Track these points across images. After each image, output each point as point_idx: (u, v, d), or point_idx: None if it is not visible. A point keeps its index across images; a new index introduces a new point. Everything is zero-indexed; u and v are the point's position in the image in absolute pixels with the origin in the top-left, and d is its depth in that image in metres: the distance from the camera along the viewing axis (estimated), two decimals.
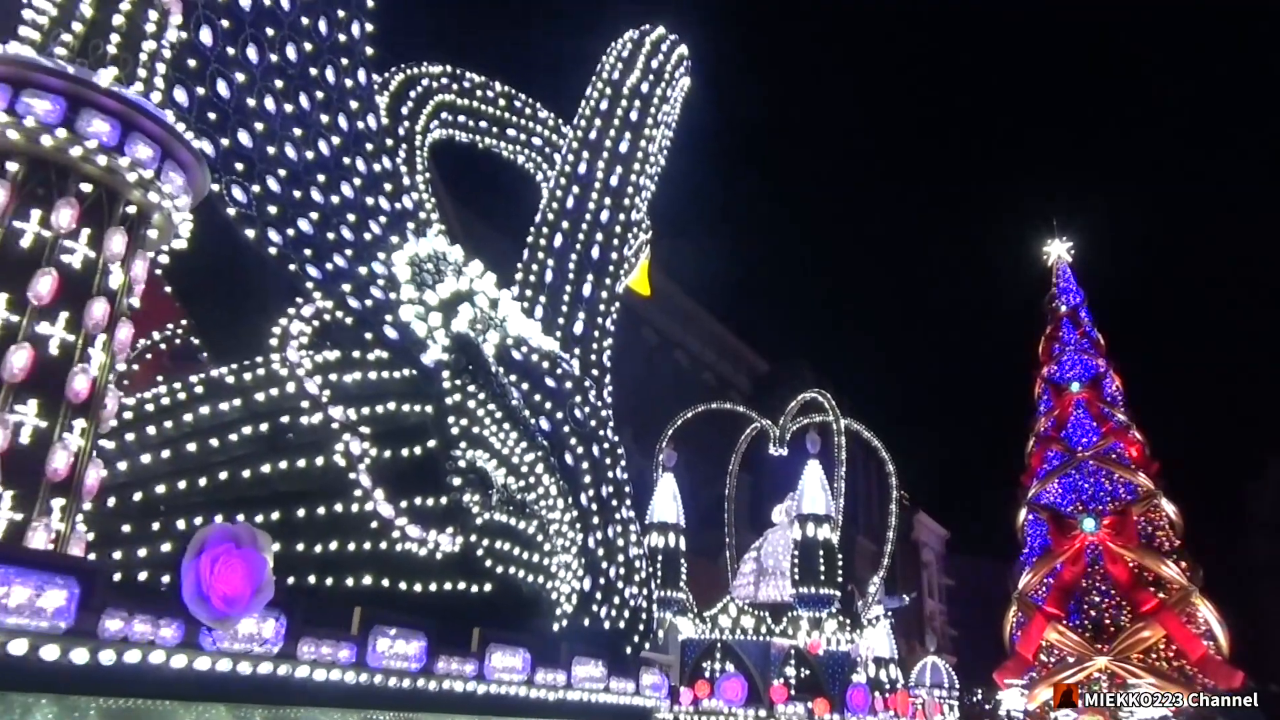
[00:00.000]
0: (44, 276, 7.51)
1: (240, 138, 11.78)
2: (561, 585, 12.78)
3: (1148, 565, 39.96)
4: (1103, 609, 40.54)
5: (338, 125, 13.09)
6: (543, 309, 15.50)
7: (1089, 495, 43.08)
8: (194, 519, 9.79)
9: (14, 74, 7.66)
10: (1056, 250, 51.15)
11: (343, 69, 13.13)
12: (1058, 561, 41.61)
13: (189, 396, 10.87)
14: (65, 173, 7.82)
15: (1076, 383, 45.89)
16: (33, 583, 6.53)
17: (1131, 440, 44.08)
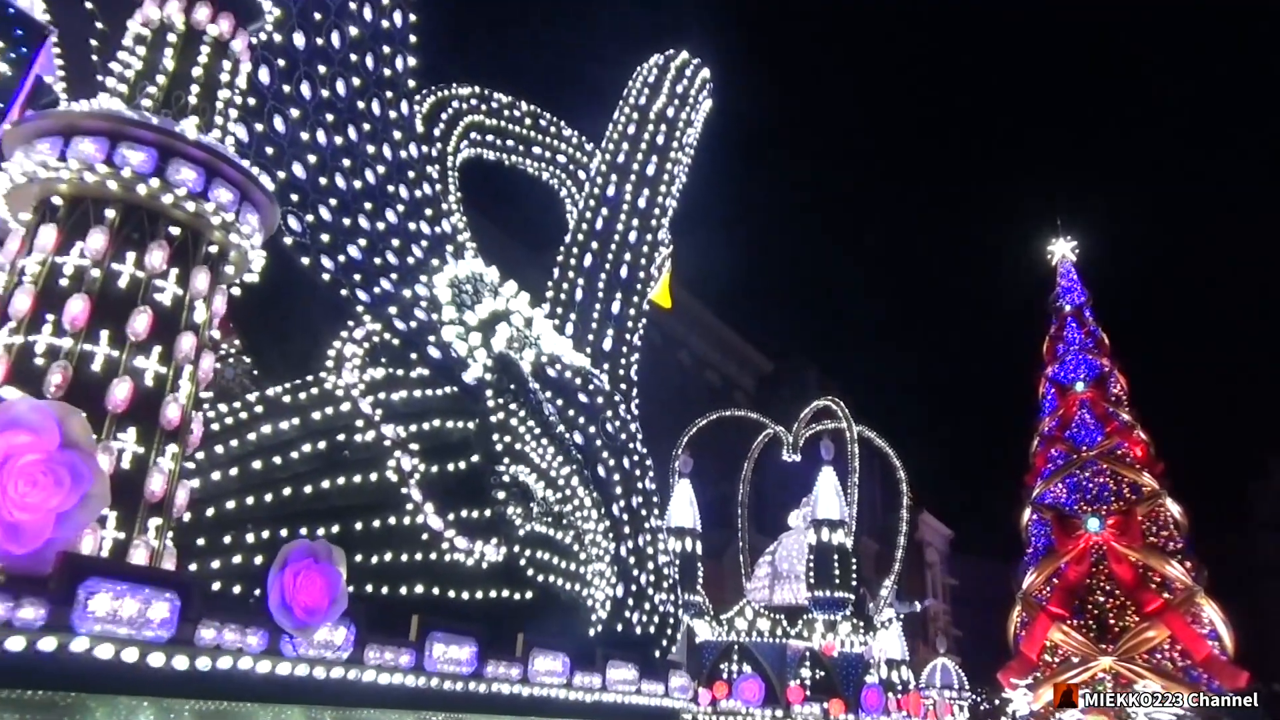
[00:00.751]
0: (140, 314, 8.20)
1: (295, 170, 12.47)
2: (596, 592, 13.44)
3: (1152, 565, 39.92)
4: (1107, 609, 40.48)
5: (382, 155, 13.76)
6: (573, 326, 16.16)
7: (1093, 495, 43.04)
8: (261, 533, 10.50)
9: (112, 128, 8.35)
10: (1060, 249, 51.05)
11: (387, 101, 13.80)
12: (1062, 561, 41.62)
13: (250, 416, 11.54)
14: (156, 218, 8.52)
15: (1081, 382, 45.76)
16: (141, 596, 7.22)
17: (1136, 440, 43.98)
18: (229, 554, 10.18)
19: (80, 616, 6.85)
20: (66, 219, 8.28)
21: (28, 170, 8.26)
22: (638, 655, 13.68)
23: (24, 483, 6.74)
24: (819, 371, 59.39)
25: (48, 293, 8.04)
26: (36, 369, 7.79)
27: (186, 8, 9.50)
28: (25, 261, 8.28)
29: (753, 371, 55.62)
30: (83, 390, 7.78)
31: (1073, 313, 48.39)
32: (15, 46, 8.14)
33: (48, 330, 7.92)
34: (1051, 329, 49.09)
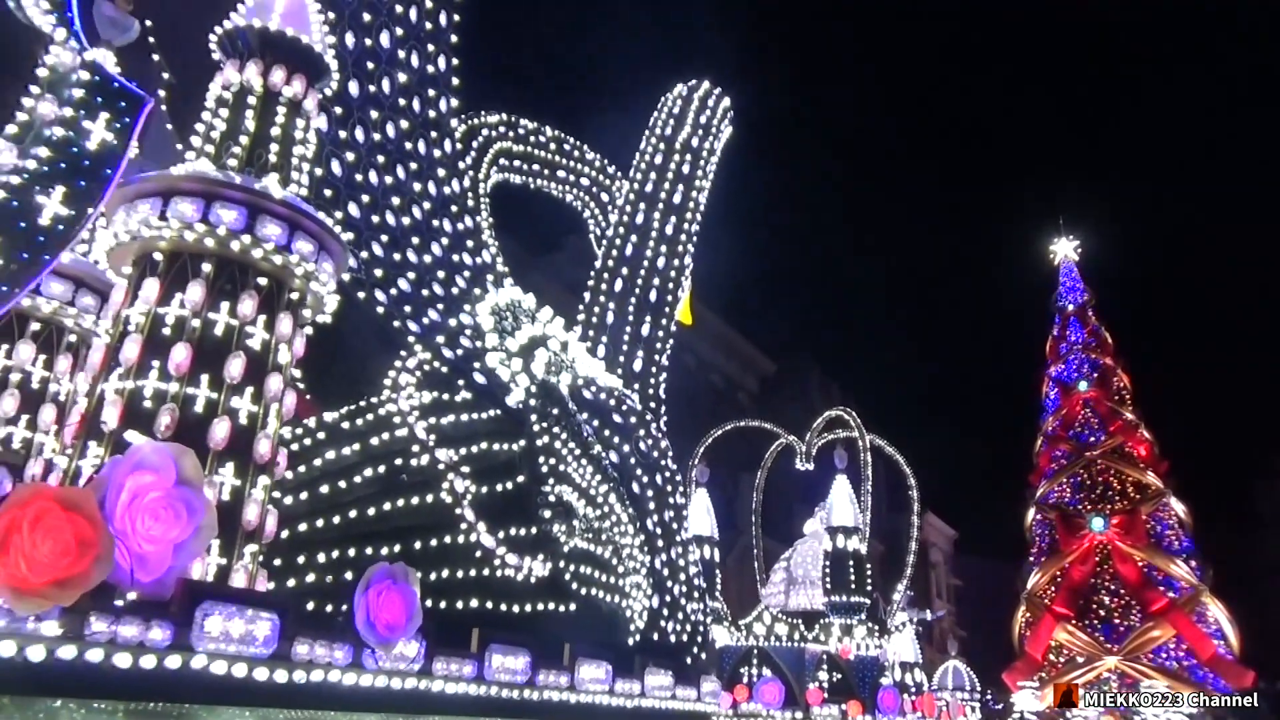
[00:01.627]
0: (235, 359, 9.02)
1: (350, 209, 13.30)
2: (634, 603, 14.25)
3: (1157, 564, 40.02)
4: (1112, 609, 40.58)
5: (428, 191, 14.58)
6: (605, 348, 16.97)
7: (1097, 494, 43.06)
8: (331, 553, 11.32)
9: (206, 189, 9.18)
10: (1063, 249, 51.10)
11: (432, 141, 14.63)
12: (1066, 561, 41.63)
13: (314, 442, 12.36)
14: (246, 269, 9.35)
15: (1084, 382, 45.76)
16: (247, 617, 8.03)
17: (1140, 439, 44.03)
18: (303, 573, 10.99)
19: (198, 636, 7.67)
20: (166, 273, 9.11)
21: (131, 229, 9.10)
22: (671, 662, 14.48)
23: (149, 518, 7.55)
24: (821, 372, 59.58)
25: (152, 341, 8.87)
26: (146, 411, 8.62)
27: (264, 71, 10.34)
28: (129, 312, 9.11)
29: (755, 373, 55.83)
30: (187, 429, 8.61)
31: (1075, 312, 48.57)
32: (120, 117, 8.94)
33: (154, 375, 8.75)
34: (1054, 328, 49.22)
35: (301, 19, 10.77)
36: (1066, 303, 49.10)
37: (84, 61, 8.84)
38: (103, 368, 8.93)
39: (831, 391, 61.10)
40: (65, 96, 8.67)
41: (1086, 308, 48.55)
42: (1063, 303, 49.28)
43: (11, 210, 8.20)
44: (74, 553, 6.46)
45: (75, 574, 6.46)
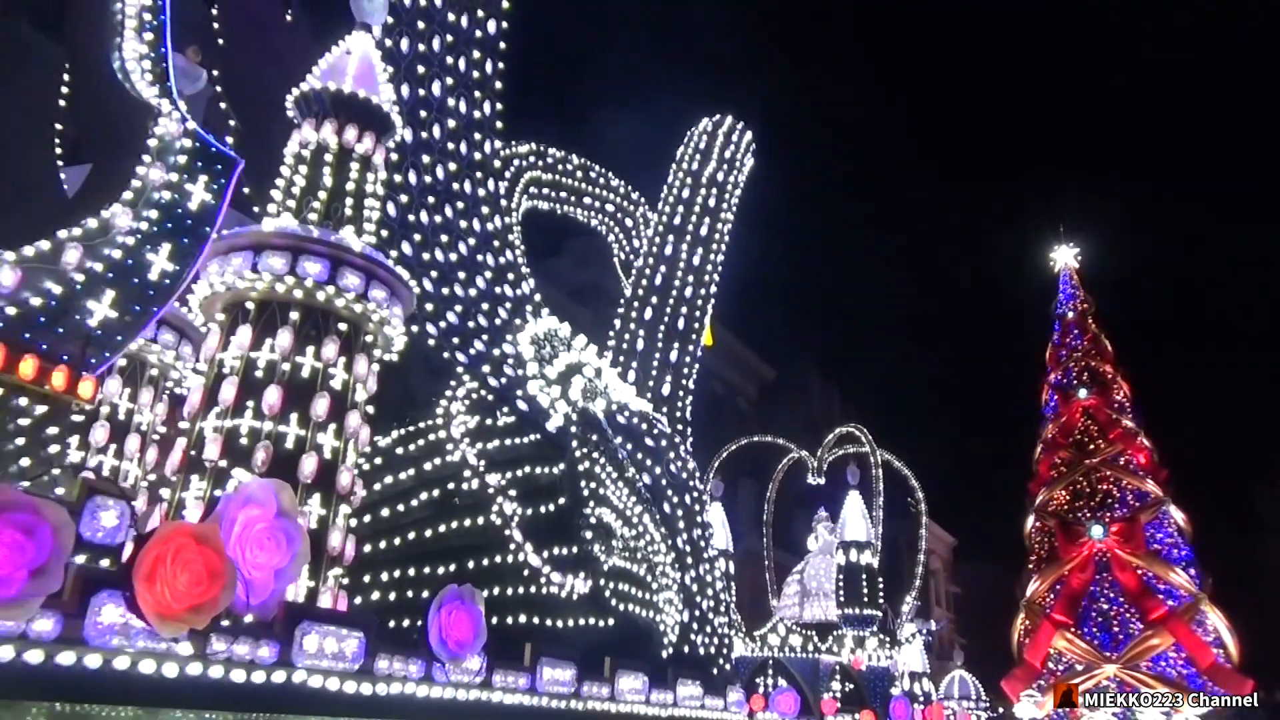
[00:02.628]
0: (320, 399, 9.92)
1: (404, 248, 14.20)
2: (667, 618, 15.11)
3: (1156, 573, 39.80)
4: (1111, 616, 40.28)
5: (473, 228, 15.49)
6: (635, 373, 17.85)
7: (1097, 502, 42.77)
8: (393, 572, 12.21)
9: (293, 244, 10.09)
10: (1063, 256, 50.83)
11: (477, 180, 15.54)
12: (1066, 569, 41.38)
13: (372, 467, 13.25)
14: (328, 316, 10.24)
15: (1084, 389, 45.45)
16: (338, 635, 8.91)
17: (1139, 447, 43.79)
18: (368, 591, 11.88)
19: (298, 653, 8.55)
20: (258, 320, 10.01)
21: (226, 280, 10.00)
22: (700, 673, 15.33)
23: (256, 547, 8.42)
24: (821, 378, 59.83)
25: (247, 383, 9.77)
26: (243, 447, 9.52)
27: (338, 130, 11.25)
28: (224, 356, 10.01)
29: (755, 379, 56.02)
30: (280, 464, 9.51)
31: (1075, 319, 48.47)
32: (216, 179, 9.85)
33: (249, 414, 9.65)
34: (1054, 335, 49.08)
35: (370, 80, 11.69)
36: (1066, 310, 49.09)
37: (186, 130, 9.75)
38: (201, 406, 9.82)
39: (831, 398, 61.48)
40: (171, 163, 9.59)
41: (1086, 315, 48.54)
42: (1062, 310, 49.27)
43: (127, 268, 9.12)
44: (206, 582, 7.34)
45: (207, 600, 7.34)
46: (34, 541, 6.26)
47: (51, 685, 6.71)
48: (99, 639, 6.96)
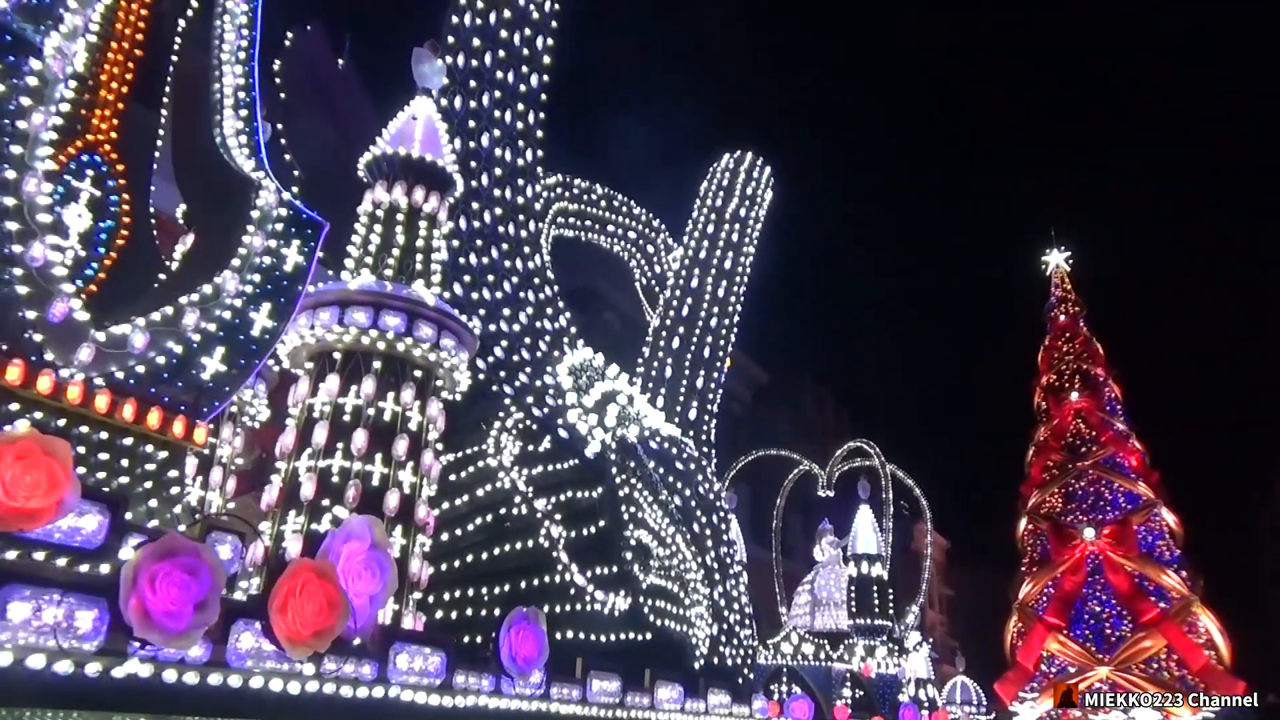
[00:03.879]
0: (400, 440, 11.02)
1: (455, 289, 15.31)
2: (698, 631, 16.20)
3: (1148, 575, 40.12)
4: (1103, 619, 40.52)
5: (516, 267, 16.60)
6: (663, 399, 18.95)
7: (1089, 505, 43.13)
8: (454, 592, 13.31)
9: (375, 300, 11.20)
10: (1055, 259, 51.21)
11: (519, 223, 16.65)
12: (1058, 571, 41.66)
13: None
14: (405, 364, 11.35)
15: (1075, 392, 45.91)
16: (424, 654, 10.00)
17: (1131, 449, 44.20)
18: (432, 611, 12.96)
19: (393, 671, 9.65)
20: (344, 369, 11.12)
21: (316, 333, 11.11)
22: (728, 683, 16.42)
23: (356, 577, 9.51)
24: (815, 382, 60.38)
25: (336, 426, 10.87)
26: (335, 485, 10.62)
27: (408, 191, 12.36)
28: (314, 401, 11.12)
29: (749, 383, 56.42)
30: (368, 500, 10.61)
31: (1067, 322, 48.78)
32: (306, 242, 10.95)
33: (339, 455, 10.76)
34: (1046, 339, 49.42)
35: (435, 143, 12.81)
36: (1058, 313, 49.43)
37: (281, 199, 10.87)
38: (295, 447, 10.91)
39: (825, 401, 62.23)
40: (269, 230, 10.70)
41: (1078, 318, 48.91)
42: (1054, 313, 49.62)
43: (235, 326, 10.23)
44: (326, 611, 8.44)
45: (327, 626, 8.44)
46: (197, 580, 7.35)
47: (203, 703, 7.77)
48: (238, 662, 8.05)
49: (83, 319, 8.93)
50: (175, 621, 7.22)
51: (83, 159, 9.77)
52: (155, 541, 7.33)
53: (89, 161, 9.85)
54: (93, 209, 9.79)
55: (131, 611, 7.00)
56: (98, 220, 9.86)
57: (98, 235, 9.88)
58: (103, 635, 7.00)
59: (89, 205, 9.74)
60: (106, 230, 9.97)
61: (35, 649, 6.62)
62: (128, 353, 9.32)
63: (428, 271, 12.19)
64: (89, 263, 9.78)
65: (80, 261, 9.59)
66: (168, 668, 7.48)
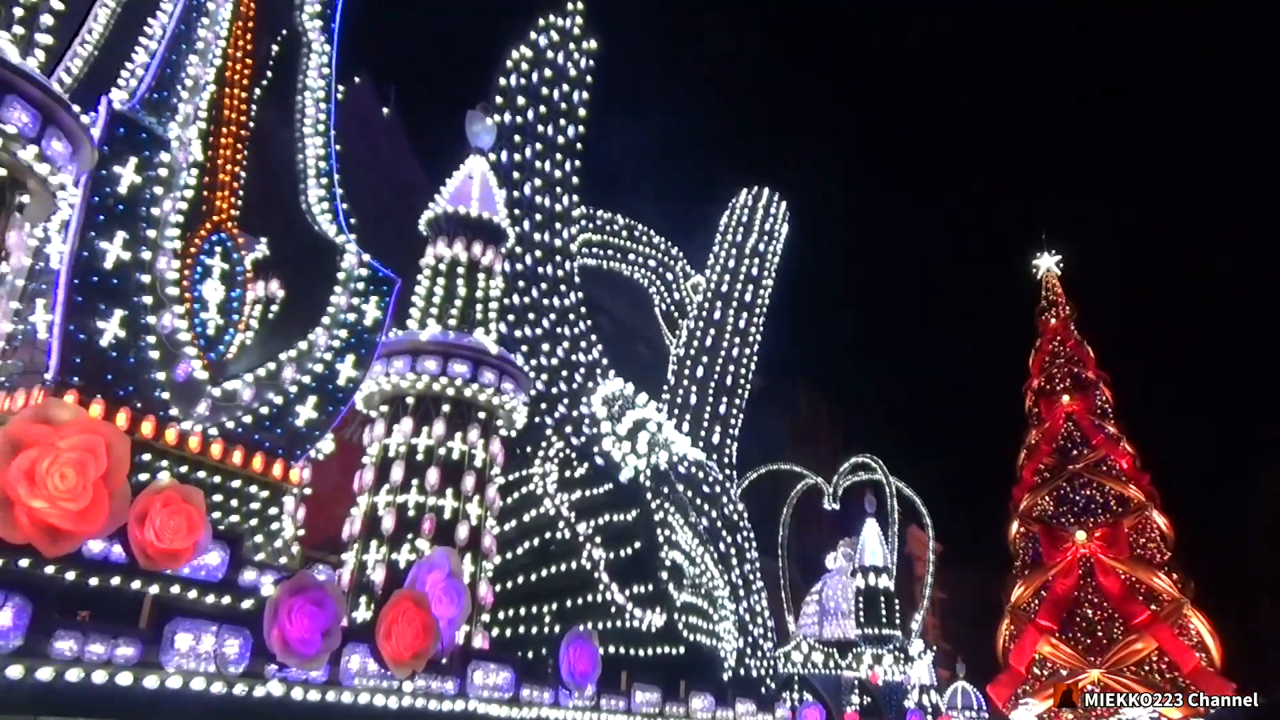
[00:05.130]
0: (468, 476, 12.20)
1: (500, 327, 16.46)
2: (726, 644, 17.38)
3: (1139, 577, 40.28)
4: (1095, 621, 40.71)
5: (553, 305, 17.79)
6: (688, 425, 20.14)
7: (1080, 507, 43.29)
8: (508, 611, 14.46)
9: (444, 349, 12.39)
10: (1045, 264, 51.06)
11: (556, 263, 17.85)
12: (1050, 574, 41.83)
13: None
14: (471, 407, 12.54)
15: (1066, 395, 46.09)
16: (496, 670, 11.17)
17: (1122, 452, 44.35)
18: (489, 629, 14.11)
19: (470, 687, 10.81)
20: (416, 412, 12.30)
21: (392, 380, 12.29)
22: (753, 692, 17.59)
23: (438, 602, 10.67)
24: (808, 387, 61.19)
25: (410, 464, 12.04)
26: (411, 518, 11.79)
27: (467, 246, 13.55)
28: (389, 441, 12.29)
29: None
30: (442, 531, 11.78)
31: (1057, 326, 48.96)
32: (383, 298, 12.13)
33: (414, 490, 11.93)
34: (1037, 342, 49.58)
35: (490, 200, 14.01)
36: (1049, 317, 49.68)
37: (361, 260, 12.06)
38: (375, 483, 12.09)
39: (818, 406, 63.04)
40: (352, 289, 11.88)
41: (1068, 322, 49.15)
42: (1045, 316, 49.89)
43: (324, 377, 11.41)
44: (422, 634, 9.61)
45: (424, 648, 9.61)
46: (324, 612, 8.52)
47: (323, 717, 8.92)
48: (349, 680, 9.22)
49: (202, 377, 10.10)
50: (308, 647, 8.39)
51: (213, 238, 10.97)
52: (290, 579, 8.50)
53: (218, 240, 11.05)
54: (224, 281, 10.99)
55: (274, 640, 8.17)
56: (229, 291, 11.07)
57: (230, 304, 11.08)
58: (246, 660, 8.16)
59: (221, 278, 10.94)
60: (236, 299, 11.17)
61: (194, 673, 7.78)
62: (237, 405, 10.49)
63: (486, 319, 13.38)
64: (228, 329, 10.98)
65: (220, 329, 10.80)
66: (295, 686, 8.64)
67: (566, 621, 14.96)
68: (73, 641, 7.09)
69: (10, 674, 6.63)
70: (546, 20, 16.88)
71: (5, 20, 7.76)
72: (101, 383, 9.18)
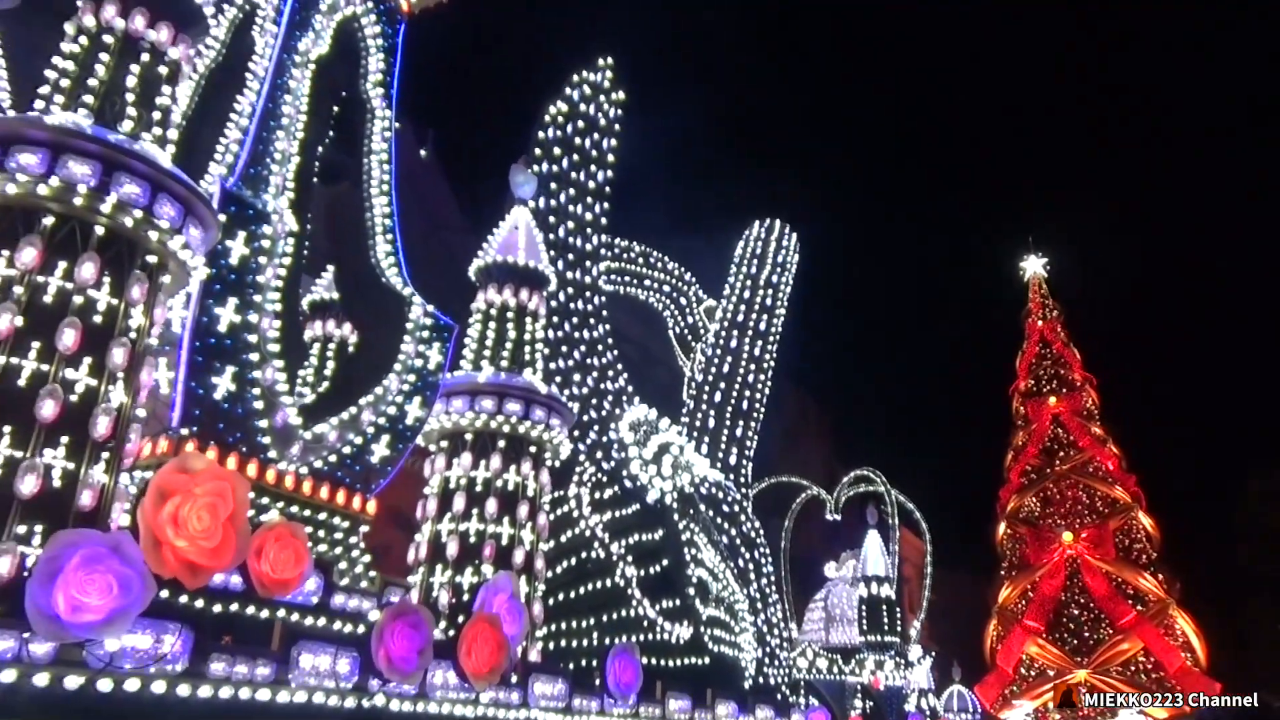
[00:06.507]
0: (523, 505, 13.42)
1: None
2: (746, 654, 18.64)
3: (1125, 578, 40.57)
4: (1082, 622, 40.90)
5: (583, 337, 19.04)
6: (707, 446, 21.42)
7: (1067, 508, 43.56)
8: (550, 626, 15.68)
9: (499, 389, 13.61)
10: (1033, 266, 51.28)
11: (587, 299, 19.10)
12: (1037, 575, 42.07)
13: None
14: (523, 441, 13.76)
15: (1053, 396, 46.19)
16: (553, 682, 12.41)
17: (1108, 454, 44.60)
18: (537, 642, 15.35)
19: (532, 697, 12.05)
20: (474, 447, 13.53)
21: (451, 418, 13.52)
22: (771, 699, 18.84)
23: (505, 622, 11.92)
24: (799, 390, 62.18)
25: (470, 495, 13.28)
26: (472, 545, 13.03)
27: (515, 293, 14.78)
28: (449, 474, 13.52)
29: None
30: (501, 556, 13.02)
31: (1044, 328, 49.28)
32: (445, 343, 13.37)
33: (475, 519, 13.16)
34: (1024, 345, 49.90)
35: (534, 249, 15.26)
36: (1036, 319, 50.01)
37: (425, 311, 13.31)
38: (438, 512, 13.33)
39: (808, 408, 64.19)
40: (418, 336, 13.13)
41: (1055, 324, 49.50)
42: (1033, 319, 50.25)
43: (396, 418, 12.66)
44: (497, 652, 10.85)
45: (499, 663, 10.86)
46: (419, 633, 9.76)
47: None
48: (433, 693, 10.46)
49: (296, 422, 11.34)
50: (408, 665, 9.63)
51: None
52: (393, 605, 9.74)
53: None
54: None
55: (380, 659, 9.41)
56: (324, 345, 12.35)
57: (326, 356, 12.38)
58: (356, 676, 9.39)
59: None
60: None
61: (316, 688, 9.01)
62: (323, 446, 11.73)
63: (533, 359, 14.63)
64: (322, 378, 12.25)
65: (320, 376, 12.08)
66: (392, 699, 9.88)
67: (604, 635, 16.24)
68: (223, 663, 8.31)
69: (180, 691, 7.85)
70: (580, 76, 18.17)
71: (147, 122, 9.00)
72: (215, 431, 10.41)
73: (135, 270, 8.41)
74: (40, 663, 7.00)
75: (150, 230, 8.35)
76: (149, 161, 8.43)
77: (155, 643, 7.67)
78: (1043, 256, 52.20)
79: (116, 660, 7.34)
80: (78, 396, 7.82)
